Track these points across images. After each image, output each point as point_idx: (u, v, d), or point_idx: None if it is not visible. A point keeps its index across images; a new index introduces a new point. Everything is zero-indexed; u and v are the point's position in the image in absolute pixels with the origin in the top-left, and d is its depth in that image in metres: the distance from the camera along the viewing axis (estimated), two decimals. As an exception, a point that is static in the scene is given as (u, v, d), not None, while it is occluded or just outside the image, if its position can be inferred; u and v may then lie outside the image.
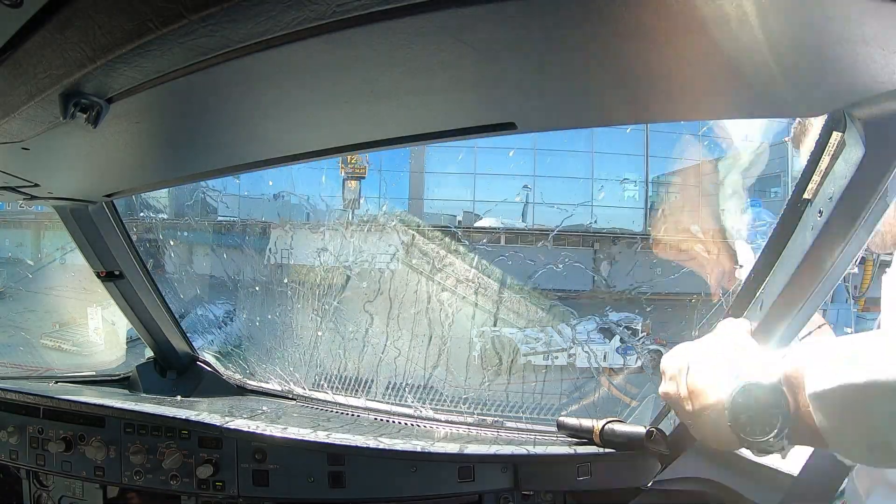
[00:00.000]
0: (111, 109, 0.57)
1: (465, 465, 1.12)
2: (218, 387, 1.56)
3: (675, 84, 0.55)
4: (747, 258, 1.62)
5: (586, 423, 1.14)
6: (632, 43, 0.46)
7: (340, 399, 1.52)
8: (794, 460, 0.93)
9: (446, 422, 1.37)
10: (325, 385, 1.65)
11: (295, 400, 1.52)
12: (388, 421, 1.41)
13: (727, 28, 0.43)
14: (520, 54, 0.49)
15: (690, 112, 0.70)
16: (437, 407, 1.52)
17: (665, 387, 0.62)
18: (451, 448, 1.18)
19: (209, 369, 1.58)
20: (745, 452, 1.03)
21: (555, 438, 1.23)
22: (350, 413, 1.45)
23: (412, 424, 1.39)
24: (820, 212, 0.62)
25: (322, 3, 0.40)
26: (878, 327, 1.02)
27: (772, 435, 0.50)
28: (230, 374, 1.60)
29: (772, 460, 0.97)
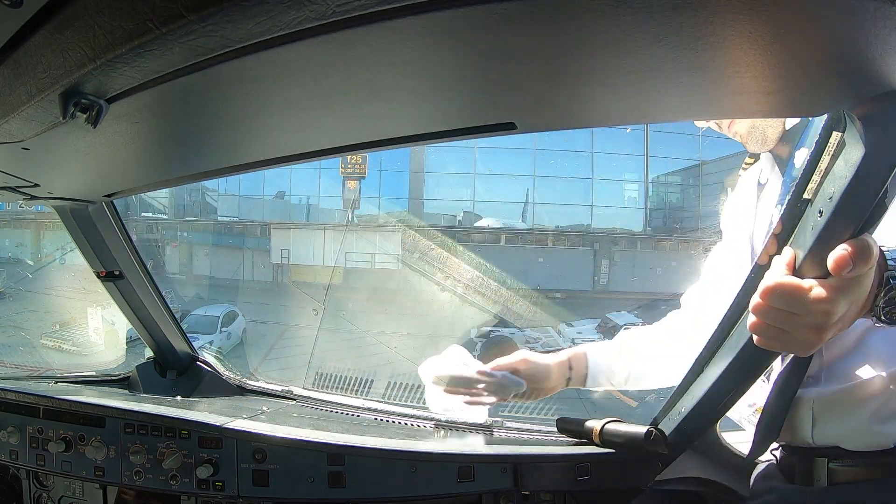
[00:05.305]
0: (111, 109, 0.57)
1: (464, 465, 1.11)
2: (218, 387, 1.56)
3: (675, 84, 0.55)
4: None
5: (586, 423, 1.14)
6: (632, 43, 0.46)
7: (340, 399, 1.52)
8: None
9: (446, 422, 1.37)
10: (325, 385, 1.65)
11: (295, 400, 1.52)
12: (388, 421, 1.41)
13: (727, 29, 0.43)
14: (520, 54, 0.49)
15: (691, 112, 0.70)
16: (437, 407, 1.51)
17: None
18: (451, 448, 1.18)
19: (209, 369, 1.58)
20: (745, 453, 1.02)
21: (555, 438, 1.23)
22: (350, 413, 1.45)
23: (412, 424, 1.39)
24: (820, 212, 0.62)
25: (322, 3, 0.40)
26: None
27: None
28: (230, 374, 1.59)
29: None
